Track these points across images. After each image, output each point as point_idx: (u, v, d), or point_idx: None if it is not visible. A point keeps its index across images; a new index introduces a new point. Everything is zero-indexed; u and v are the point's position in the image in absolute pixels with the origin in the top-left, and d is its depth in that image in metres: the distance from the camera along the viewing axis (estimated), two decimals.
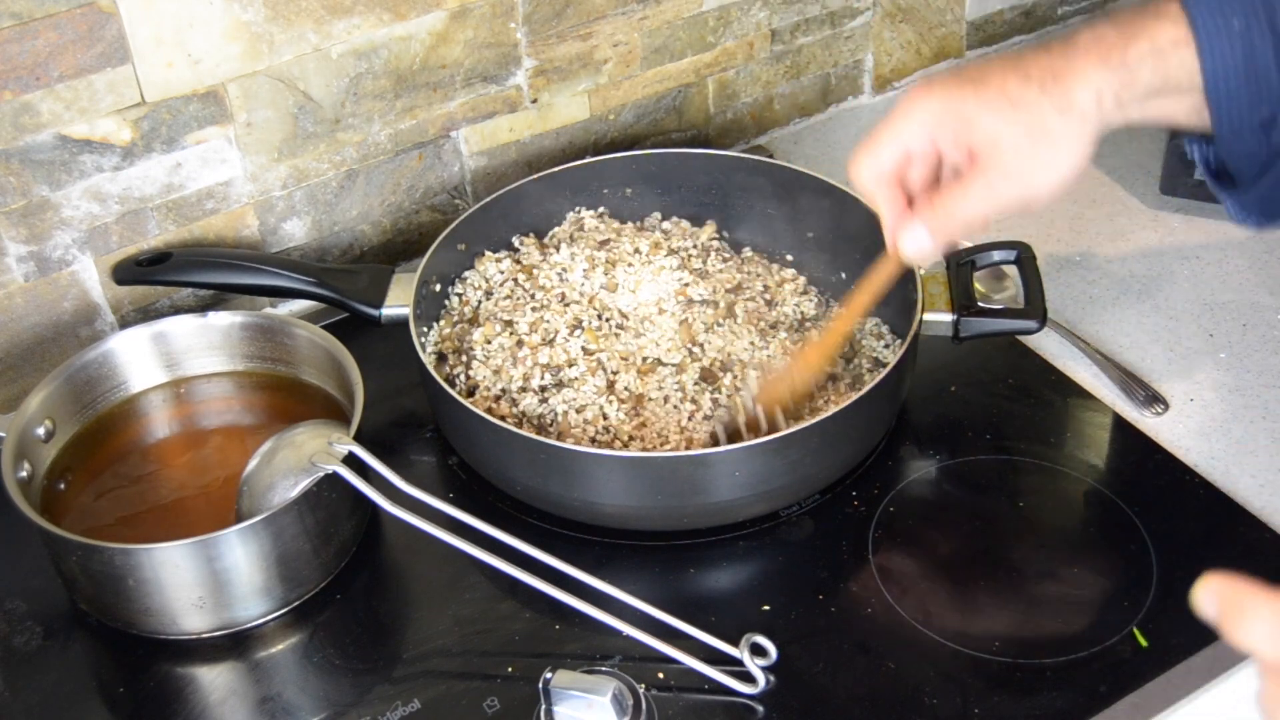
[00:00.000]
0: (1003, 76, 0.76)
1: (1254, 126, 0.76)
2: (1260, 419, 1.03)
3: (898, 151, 0.80)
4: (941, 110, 0.78)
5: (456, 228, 1.09)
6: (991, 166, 0.76)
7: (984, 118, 0.76)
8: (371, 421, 0.95)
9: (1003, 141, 0.76)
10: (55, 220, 1.04)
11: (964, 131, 0.77)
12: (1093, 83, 0.74)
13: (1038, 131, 0.75)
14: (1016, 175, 0.77)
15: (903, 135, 0.79)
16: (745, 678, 0.84)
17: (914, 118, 0.79)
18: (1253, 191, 0.79)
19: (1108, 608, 0.88)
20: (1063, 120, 0.75)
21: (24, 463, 0.92)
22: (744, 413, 0.94)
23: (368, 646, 0.89)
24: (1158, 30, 0.74)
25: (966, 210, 0.78)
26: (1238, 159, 0.79)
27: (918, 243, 0.81)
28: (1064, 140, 0.75)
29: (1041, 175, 0.77)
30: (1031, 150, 0.76)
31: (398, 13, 1.11)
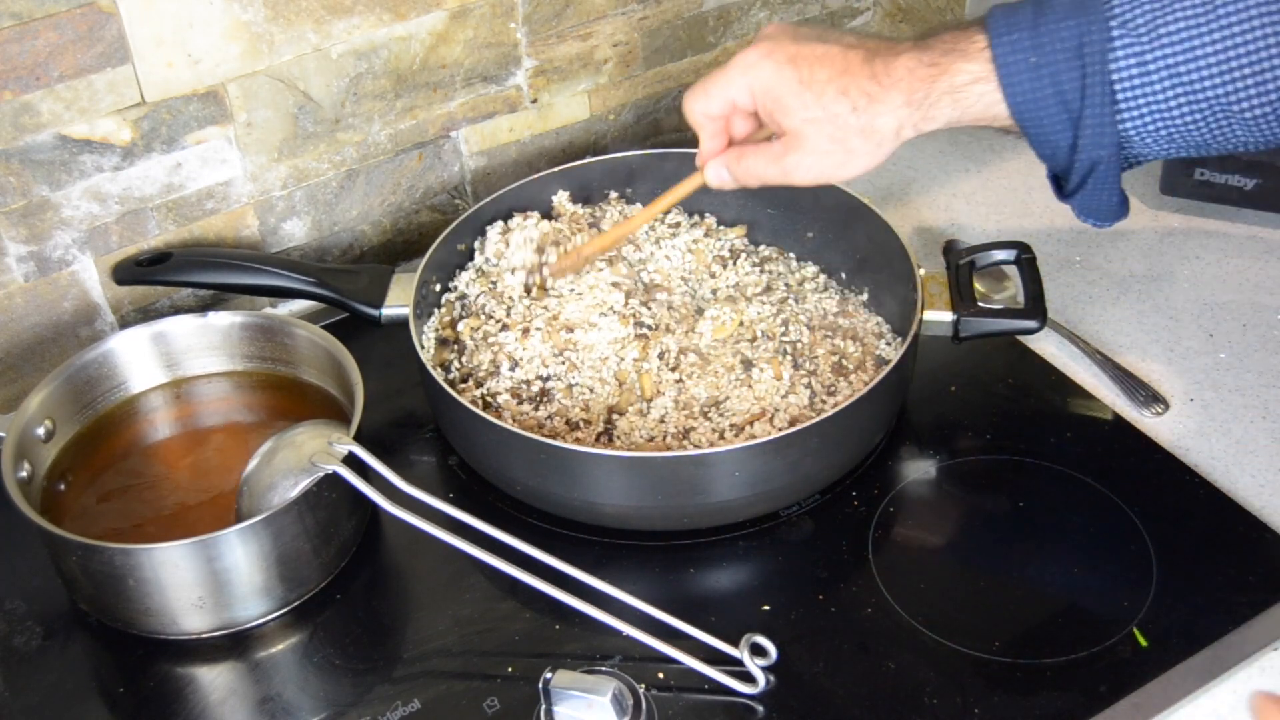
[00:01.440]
0: (827, 81, 0.83)
1: (1063, 148, 0.82)
2: (1260, 419, 1.03)
3: (724, 102, 0.88)
4: (768, 84, 0.85)
5: (456, 228, 1.09)
6: (792, 153, 0.86)
7: (798, 112, 0.84)
8: (371, 421, 0.95)
9: (807, 141, 0.85)
10: (55, 220, 1.04)
11: (779, 114, 0.85)
12: (896, 115, 0.83)
13: (839, 142, 0.84)
14: (811, 168, 0.86)
15: (731, 90, 0.87)
16: (745, 678, 0.84)
17: (745, 79, 0.86)
18: (1077, 199, 0.86)
19: (1108, 608, 0.88)
20: (863, 140, 0.84)
21: (24, 463, 0.92)
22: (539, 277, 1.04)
23: (368, 646, 0.89)
24: (959, 70, 0.82)
25: (762, 173, 0.89)
26: (1062, 173, 0.86)
27: (719, 178, 0.92)
28: (860, 154, 0.85)
29: (833, 173, 0.86)
30: (829, 155, 0.85)
31: (398, 13, 1.11)
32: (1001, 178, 1.32)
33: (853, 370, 1.00)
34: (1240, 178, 1.20)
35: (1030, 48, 0.80)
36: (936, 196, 1.30)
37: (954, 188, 1.31)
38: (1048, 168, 0.88)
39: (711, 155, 0.91)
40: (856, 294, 1.11)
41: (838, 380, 0.99)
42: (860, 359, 1.01)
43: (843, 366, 1.00)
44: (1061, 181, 0.87)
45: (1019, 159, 1.34)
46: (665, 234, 1.14)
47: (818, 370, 0.99)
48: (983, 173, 1.32)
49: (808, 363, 1.00)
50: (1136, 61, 0.78)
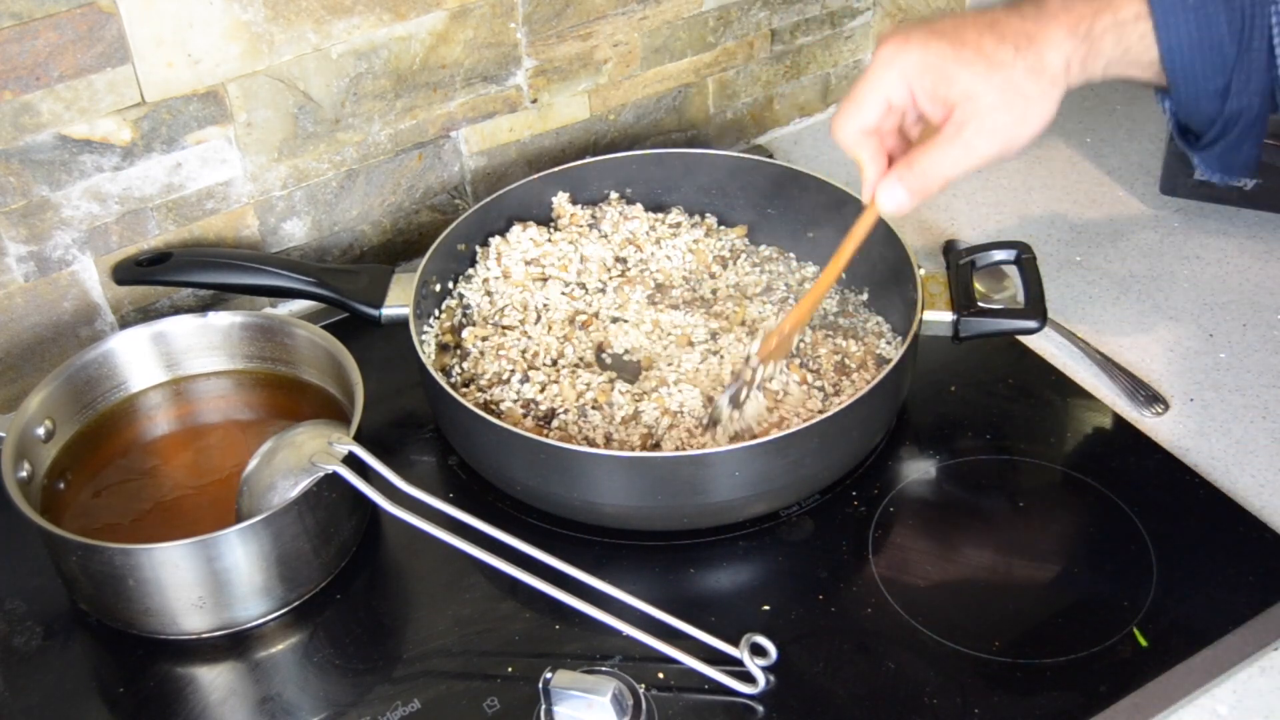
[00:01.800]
0: (979, 35, 0.79)
1: (1210, 94, 0.80)
2: (1260, 419, 1.03)
3: (880, 104, 0.82)
4: (921, 63, 0.80)
5: (456, 228, 1.09)
6: (969, 123, 0.79)
7: (962, 74, 0.79)
8: (371, 421, 0.95)
9: (980, 99, 0.79)
10: (55, 220, 1.04)
11: (942, 86, 0.80)
12: (1062, 49, 0.78)
13: (1012, 91, 0.79)
14: (993, 132, 0.80)
15: (884, 87, 0.81)
16: (745, 678, 0.84)
17: (894, 69, 0.81)
18: (1213, 150, 0.83)
19: (1108, 608, 0.88)
20: (1035, 81, 0.78)
21: (24, 463, 0.92)
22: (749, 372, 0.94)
23: (368, 646, 0.89)
24: (1120, 4, 0.78)
25: (945, 168, 0.81)
26: (1198, 122, 0.83)
27: (896, 201, 0.83)
28: (1036, 99, 0.79)
29: (1015, 131, 0.80)
30: (1007, 108, 0.79)
31: (398, 13, 1.11)
32: (1001, 178, 1.32)
33: (855, 370, 1.00)
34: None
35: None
36: (936, 196, 1.30)
37: (954, 188, 1.31)
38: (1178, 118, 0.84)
39: (877, 180, 0.84)
40: (856, 294, 1.11)
41: (841, 380, 0.99)
42: (862, 358, 1.01)
43: (845, 366, 1.00)
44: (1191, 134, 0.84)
45: (1019, 159, 1.34)
46: (666, 234, 1.14)
47: (821, 370, 0.99)
48: (983, 173, 1.32)
49: (811, 362, 1.00)
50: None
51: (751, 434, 0.94)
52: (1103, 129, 1.38)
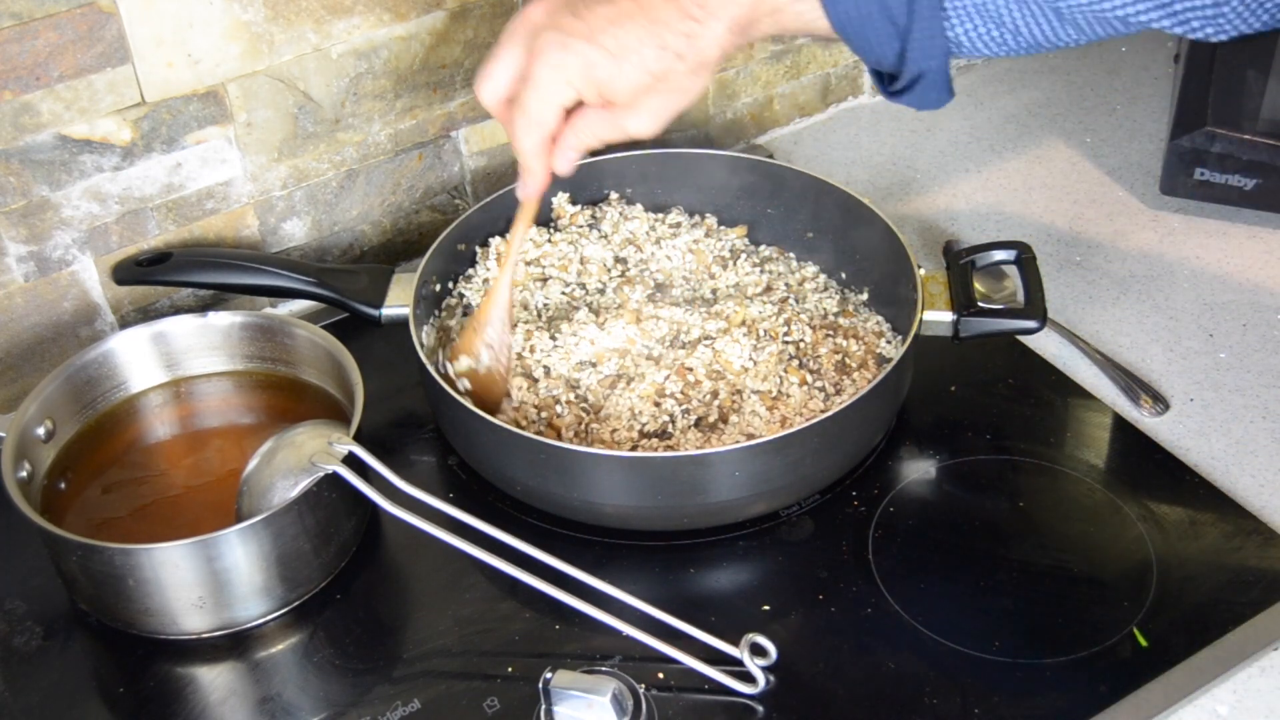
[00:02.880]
0: (640, 44, 0.79)
1: (890, 58, 0.82)
2: (1260, 419, 1.03)
3: (555, 115, 0.83)
4: (583, 73, 0.81)
5: (456, 228, 1.09)
6: (629, 116, 0.82)
7: (625, 87, 0.81)
8: (371, 421, 0.95)
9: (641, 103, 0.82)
10: (55, 220, 1.04)
11: (608, 93, 0.81)
12: (720, 43, 0.80)
13: (673, 92, 0.81)
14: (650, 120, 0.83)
15: (555, 100, 0.82)
16: (745, 678, 0.84)
17: (559, 82, 0.81)
18: (904, 98, 0.85)
19: (1108, 608, 0.88)
20: (694, 78, 0.81)
21: (24, 463, 0.92)
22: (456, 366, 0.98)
23: (368, 646, 0.89)
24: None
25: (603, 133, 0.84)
26: (892, 75, 0.85)
27: (567, 162, 0.86)
28: (691, 90, 0.82)
29: (670, 113, 0.83)
30: (665, 104, 0.82)
31: (398, 13, 1.11)
32: (1001, 178, 1.32)
33: (855, 369, 1.00)
34: (1240, 178, 1.20)
35: None
36: (936, 196, 1.30)
37: (954, 188, 1.31)
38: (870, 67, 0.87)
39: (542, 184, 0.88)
40: (856, 294, 1.11)
41: (842, 379, 0.99)
42: (863, 358, 1.01)
43: (846, 365, 1.00)
44: (885, 78, 0.86)
45: (1019, 159, 1.34)
46: (666, 234, 1.14)
47: (821, 370, 0.99)
48: (983, 173, 1.32)
49: (811, 362, 1.00)
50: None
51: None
52: (1103, 129, 1.38)
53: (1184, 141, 1.21)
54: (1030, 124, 1.40)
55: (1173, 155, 1.23)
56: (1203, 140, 1.19)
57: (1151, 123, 1.38)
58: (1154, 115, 1.39)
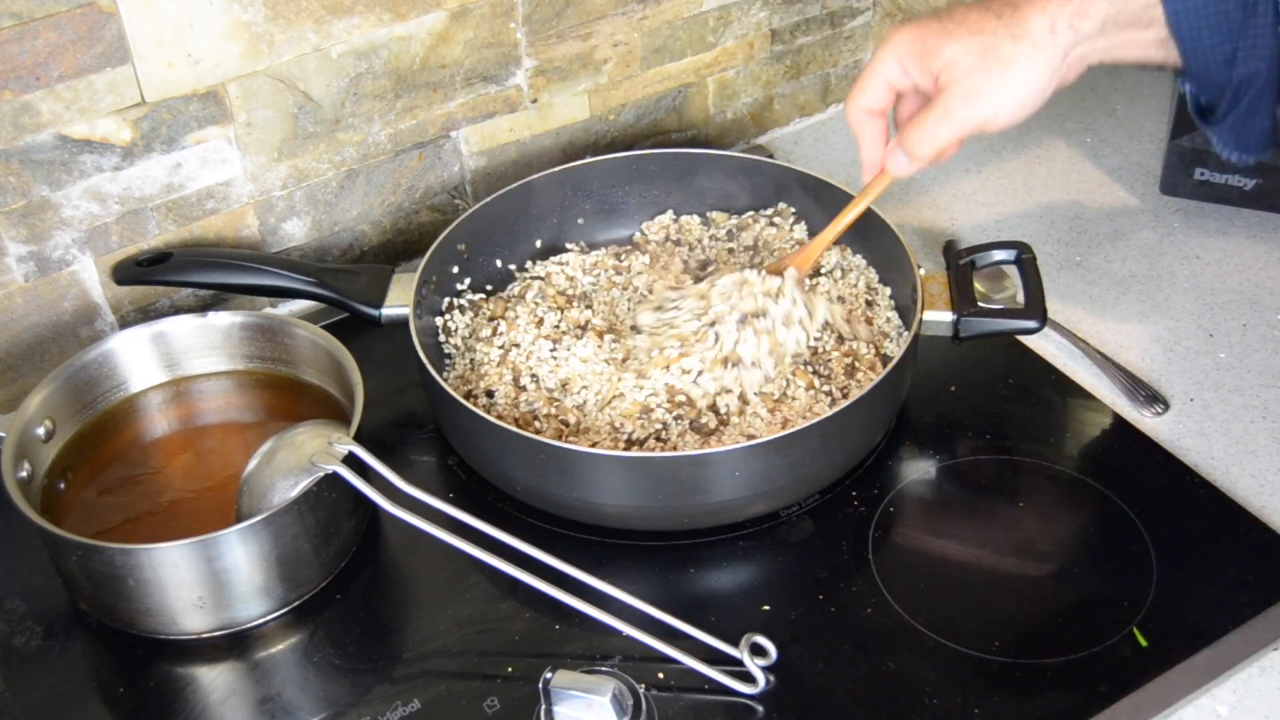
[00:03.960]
0: (967, 9, 0.83)
1: (1218, 62, 0.79)
2: (1260, 419, 1.03)
3: (880, 86, 0.88)
4: (910, 42, 0.85)
5: (456, 228, 1.09)
6: (949, 89, 0.84)
7: (945, 45, 0.83)
8: (371, 421, 0.95)
9: (959, 65, 0.83)
10: (55, 220, 1.04)
11: (928, 59, 0.84)
12: (1047, 12, 0.80)
13: (992, 55, 0.81)
14: (971, 95, 0.83)
15: (881, 69, 0.87)
16: (745, 678, 0.84)
17: (888, 52, 0.86)
18: (1226, 123, 0.83)
19: (1108, 608, 0.88)
20: (1015, 45, 0.81)
21: (24, 463, 0.92)
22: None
23: (368, 646, 0.89)
24: None
25: (934, 131, 0.86)
26: (1210, 93, 0.83)
27: (898, 164, 0.90)
28: (1016, 64, 0.81)
29: (997, 96, 0.83)
30: (985, 72, 0.82)
31: (398, 13, 1.11)
32: (1001, 178, 1.32)
33: (862, 370, 1.00)
34: (1240, 178, 1.20)
35: None
36: (936, 196, 1.30)
37: (954, 188, 1.31)
38: (1193, 93, 0.85)
39: (872, 157, 0.91)
40: (867, 294, 1.10)
41: (849, 383, 0.99)
42: (872, 361, 1.01)
43: (854, 368, 1.00)
44: (1207, 110, 0.85)
45: (1019, 159, 1.34)
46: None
47: (831, 374, 0.99)
48: (983, 173, 1.33)
49: (823, 367, 1.00)
50: None
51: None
52: (1103, 129, 1.38)
53: (1184, 141, 1.21)
54: (1030, 124, 1.38)
55: (1173, 155, 1.23)
56: (1203, 140, 1.19)
57: (1151, 123, 1.38)
58: (1154, 115, 1.39)
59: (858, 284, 1.08)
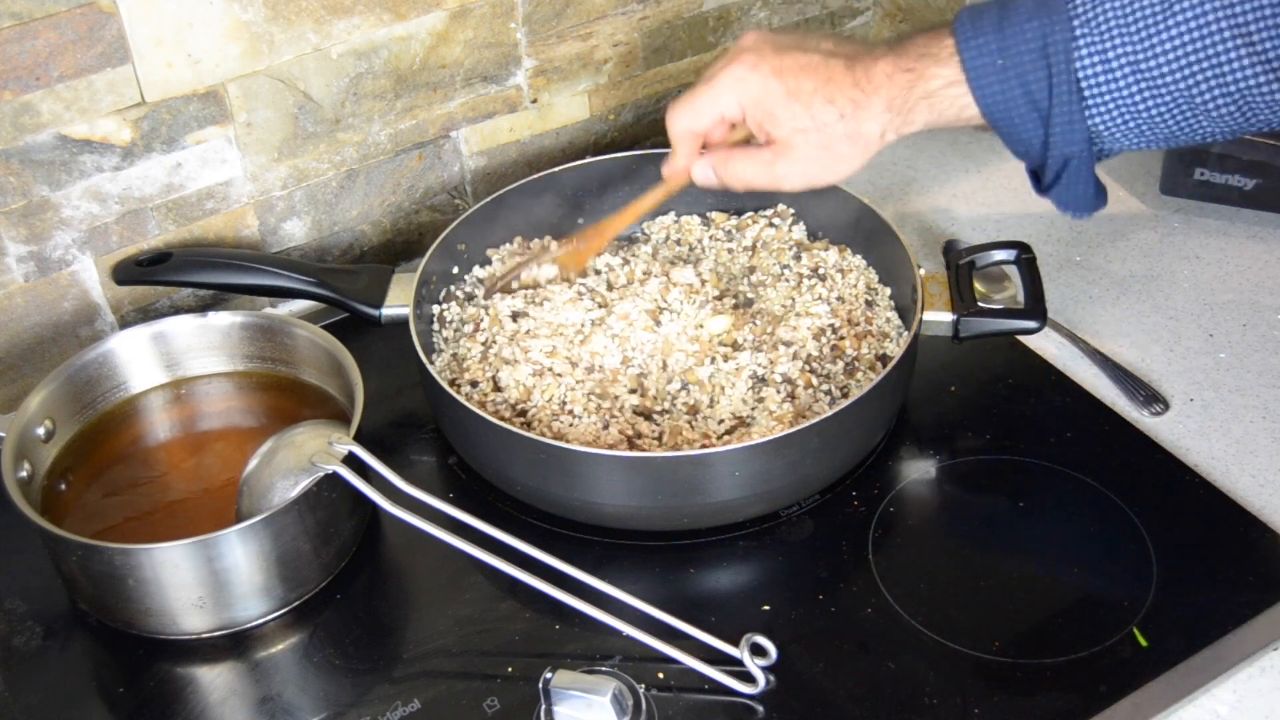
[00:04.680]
0: (813, 91, 0.86)
1: (1037, 145, 0.84)
2: (1260, 419, 1.03)
3: (714, 115, 0.90)
4: (758, 96, 0.88)
5: (456, 228, 1.09)
6: (780, 160, 0.89)
7: (787, 122, 0.87)
8: (371, 421, 0.95)
9: (798, 150, 0.88)
10: (55, 220, 1.04)
11: (769, 120, 0.88)
12: (879, 120, 0.86)
13: (827, 150, 0.87)
14: (800, 175, 0.89)
15: (719, 105, 0.90)
16: (745, 678, 0.84)
17: (734, 92, 0.89)
18: (1054, 191, 0.87)
19: (1108, 608, 0.88)
20: (850, 146, 0.87)
21: (24, 463, 0.92)
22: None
23: (368, 646, 0.89)
24: (933, 75, 0.84)
25: (751, 178, 0.91)
26: (1038, 169, 0.88)
27: (705, 175, 0.94)
28: (846, 158, 0.88)
29: (820, 179, 0.90)
30: (818, 161, 0.88)
31: (398, 13, 1.11)
32: (1001, 178, 1.32)
33: (862, 370, 1.00)
34: (1240, 178, 1.20)
35: (997, 50, 0.82)
36: (936, 196, 1.30)
37: (954, 188, 1.31)
38: (1025, 164, 0.89)
39: (683, 168, 0.95)
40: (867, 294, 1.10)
41: (849, 382, 0.99)
42: (872, 361, 1.01)
43: (854, 368, 1.00)
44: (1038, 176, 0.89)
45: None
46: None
47: (832, 374, 0.99)
48: (983, 173, 1.32)
49: (820, 366, 1.00)
50: (1100, 58, 0.80)
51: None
52: None
53: None
54: None
55: (1173, 155, 1.23)
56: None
57: None
58: None
59: (858, 284, 1.08)
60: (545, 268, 1.06)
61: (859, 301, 1.07)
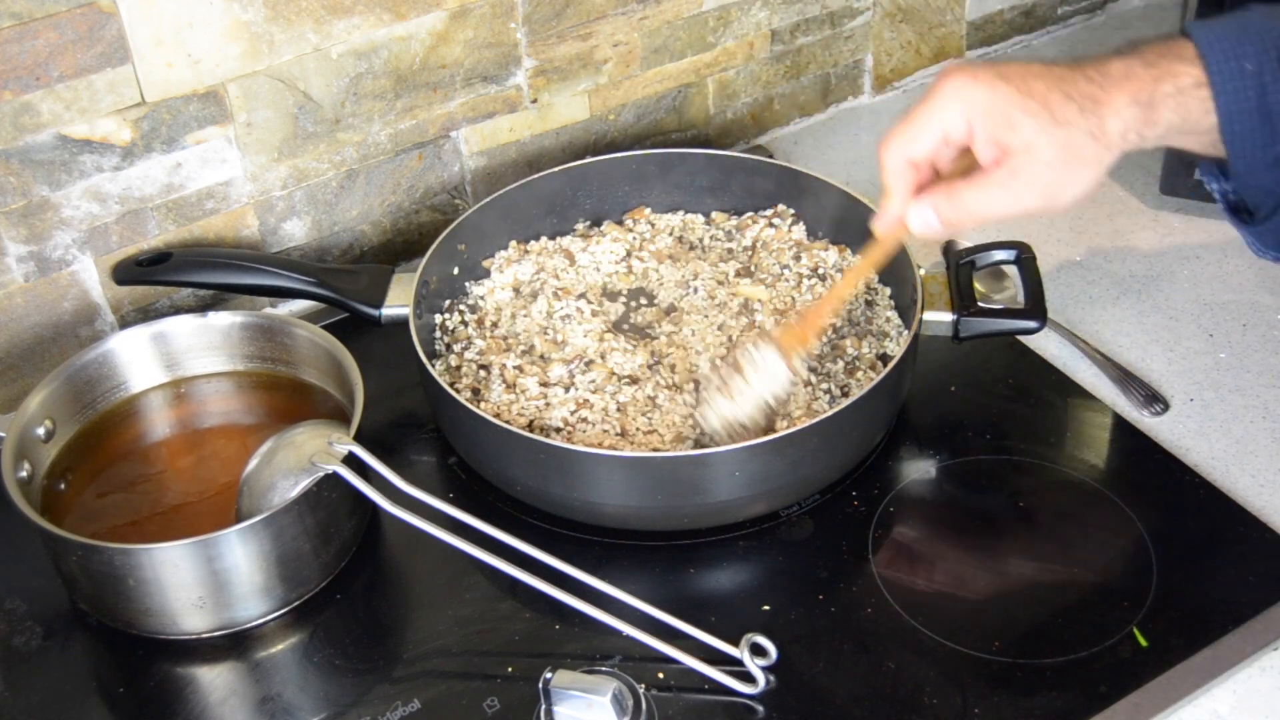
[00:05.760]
0: (1046, 89, 0.78)
1: (1268, 163, 0.79)
2: (1260, 419, 1.03)
3: (936, 136, 0.81)
4: (986, 103, 0.78)
5: (456, 228, 1.09)
6: (1021, 173, 0.78)
7: (1026, 124, 0.77)
8: (371, 421, 0.95)
9: (1039, 152, 0.78)
10: (55, 220, 1.04)
11: (1004, 131, 0.78)
12: (1123, 116, 0.78)
13: (1071, 150, 0.78)
14: (1043, 187, 0.79)
15: (945, 120, 0.80)
16: (745, 678, 0.83)
17: (957, 103, 0.79)
18: (1268, 225, 0.82)
19: (1108, 608, 0.88)
20: (1094, 144, 0.78)
21: (24, 463, 0.92)
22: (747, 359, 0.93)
23: (368, 646, 0.89)
24: (1180, 72, 0.78)
25: (986, 208, 0.80)
26: (1253, 194, 0.82)
27: (926, 224, 0.82)
28: (1091, 162, 0.78)
29: (1064, 191, 0.79)
30: (1063, 165, 0.78)
31: (398, 13, 1.11)
32: None
33: (862, 370, 1.00)
34: None
35: (1242, 55, 0.77)
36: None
37: None
38: (1227, 196, 0.84)
39: (899, 215, 0.83)
40: (866, 294, 1.10)
41: (849, 381, 0.99)
42: (872, 361, 1.01)
43: (854, 367, 1.00)
44: (1244, 211, 0.84)
45: None
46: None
47: (830, 372, 0.99)
48: None
49: (820, 365, 1.00)
50: None
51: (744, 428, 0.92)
52: None
53: None
54: None
55: (1172, 155, 1.23)
56: None
57: None
58: None
59: (858, 284, 1.08)
60: (765, 352, 0.92)
61: (859, 301, 1.07)
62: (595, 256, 1.13)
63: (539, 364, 1.01)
